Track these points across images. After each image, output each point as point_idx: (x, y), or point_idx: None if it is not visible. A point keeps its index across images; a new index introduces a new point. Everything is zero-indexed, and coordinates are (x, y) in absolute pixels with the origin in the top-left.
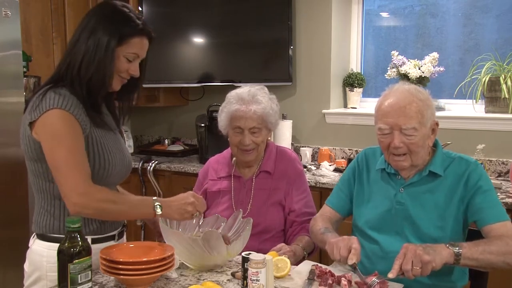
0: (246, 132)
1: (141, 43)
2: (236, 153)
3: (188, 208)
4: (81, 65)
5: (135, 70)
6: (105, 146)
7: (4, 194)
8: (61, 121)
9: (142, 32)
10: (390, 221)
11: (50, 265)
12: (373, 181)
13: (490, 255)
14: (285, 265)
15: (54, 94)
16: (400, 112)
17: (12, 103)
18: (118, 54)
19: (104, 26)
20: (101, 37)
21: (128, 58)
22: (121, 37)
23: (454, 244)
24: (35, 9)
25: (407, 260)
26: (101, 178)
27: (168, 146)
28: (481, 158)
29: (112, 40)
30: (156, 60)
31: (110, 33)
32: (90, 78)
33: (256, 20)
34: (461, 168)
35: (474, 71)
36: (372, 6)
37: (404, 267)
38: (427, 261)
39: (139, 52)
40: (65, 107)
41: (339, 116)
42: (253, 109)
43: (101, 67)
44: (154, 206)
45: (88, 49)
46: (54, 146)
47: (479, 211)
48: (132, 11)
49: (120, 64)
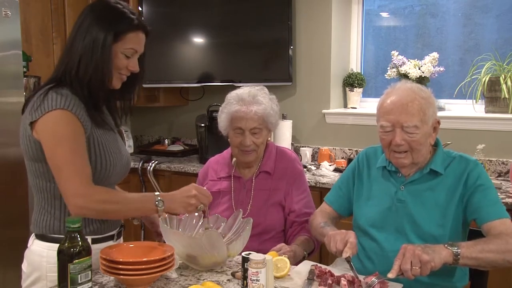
0: (247, 133)
1: (137, 37)
2: (236, 154)
3: (191, 201)
4: (79, 66)
5: (134, 65)
6: (106, 146)
7: (4, 194)
8: (63, 122)
9: (137, 27)
10: (391, 218)
11: (50, 266)
12: (374, 179)
13: (489, 254)
14: (285, 265)
15: (56, 94)
16: (402, 110)
17: (12, 103)
18: (116, 51)
19: (99, 24)
20: (96, 35)
21: (126, 54)
22: (117, 33)
23: (453, 244)
24: (35, 9)
25: (406, 259)
26: (102, 178)
27: (168, 146)
28: (481, 158)
29: (108, 37)
30: (156, 60)
31: (105, 30)
32: (89, 78)
33: (256, 20)
34: (461, 167)
35: (474, 71)
36: (372, 6)
37: (403, 266)
38: (426, 260)
39: (136, 47)
40: (67, 107)
41: (339, 116)
42: (254, 110)
43: (99, 66)
44: (155, 202)
45: (85, 49)
46: (56, 147)
47: (478, 209)
48: (125, 6)
49: (118, 61)
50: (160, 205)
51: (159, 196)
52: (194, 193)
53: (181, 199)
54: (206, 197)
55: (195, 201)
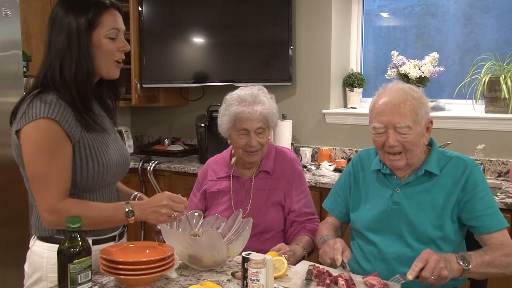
0: (252, 134)
1: (112, 16)
2: (241, 155)
3: (162, 210)
4: (61, 67)
5: (123, 45)
6: (98, 149)
7: (4, 194)
8: (44, 132)
9: (107, 6)
10: (387, 221)
11: (50, 266)
12: (369, 182)
13: (493, 269)
14: (282, 265)
15: (40, 102)
16: (394, 111)
17: (12, 103)
18: (98, 38)
19: (69, 18)
20: (69, 31)
21: (110, 36)
22: (90, 21)
23: (464, 259)
24: (35, 9)
25: (430, 268)
26: (97, 181)
27: (168, 146)
28: (481, 158)
29: (82, 28)
30: (156, 60)
31: (77, 22)
32: (75, 77)
33: (256, 20)
34: (459, 169)
35: (474, 71)
36: (372, 6)
37: (424, 274)
38: (445, 276)
39: (116, 26)
40: (51, 115)
41: (339, 116)
42: (259, 110)
43: (81, 62)
44: (126, 213)
45: (63, 47)
46: (32, 158)
47: (478, 218)
48: None
49: (106, 47)
50: (130, 215)
51: (131, 205)
52: (164, 203)
53: (152, 210)
54: (180, 204)
55: (166, 210)
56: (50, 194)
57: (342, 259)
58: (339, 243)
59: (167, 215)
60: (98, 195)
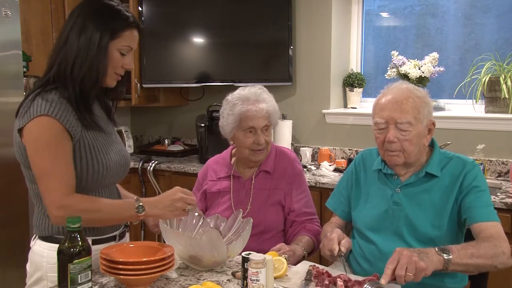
0: (259, 132)
1: (132, 35)
2: (248, 155)
3: (178, 204)
4: (73, 65)
5: (129, 63)
6: (98, 149)
7: (4, 194)
8: (46, 129)
9: (133, 25)
10: (387, 221)
11: (50, 266)
12: (370, 182)
13: (478, 259)
14: (282, 265)
15: (41, 100)
16: (396, 107)
17: (12, 103)
18: (111, 49)
19: (94, 23)
20: (92, 34)
21: (121, 51)
22: (113, 31)
23: (444, 250)
24: (35, 9)
25: (402, 265)
26: (96, 181)
27: (168, 146)
28: (481, 158)
29: (104, 35)
30: (156, 60)
31: (102, 28)
32: (83, 77)
33: (256, 20)
34: (458, 168)
35: (474, 71)
36: (372, 6)
37: (398, 272)
38: (423, 268)
39: (131, 44)
40: (51, 113)
41: (339, 116)
42: (265, 108)
43: (94, 65)
44: (136, 207)
45: (80, 48)
46: (37, 155)
47: (470, 209)
48: (119, 4)
49: (114, 59)
50: (140, 210)
51: (141, 201)
52: (179, 196)
53: (167, 204)
54: (192, 199)
55: (181, 204)
56: (57, 189)
57: (339, 248)
58: (334, 233)
59: (183, 208)
60: (98, 195)
